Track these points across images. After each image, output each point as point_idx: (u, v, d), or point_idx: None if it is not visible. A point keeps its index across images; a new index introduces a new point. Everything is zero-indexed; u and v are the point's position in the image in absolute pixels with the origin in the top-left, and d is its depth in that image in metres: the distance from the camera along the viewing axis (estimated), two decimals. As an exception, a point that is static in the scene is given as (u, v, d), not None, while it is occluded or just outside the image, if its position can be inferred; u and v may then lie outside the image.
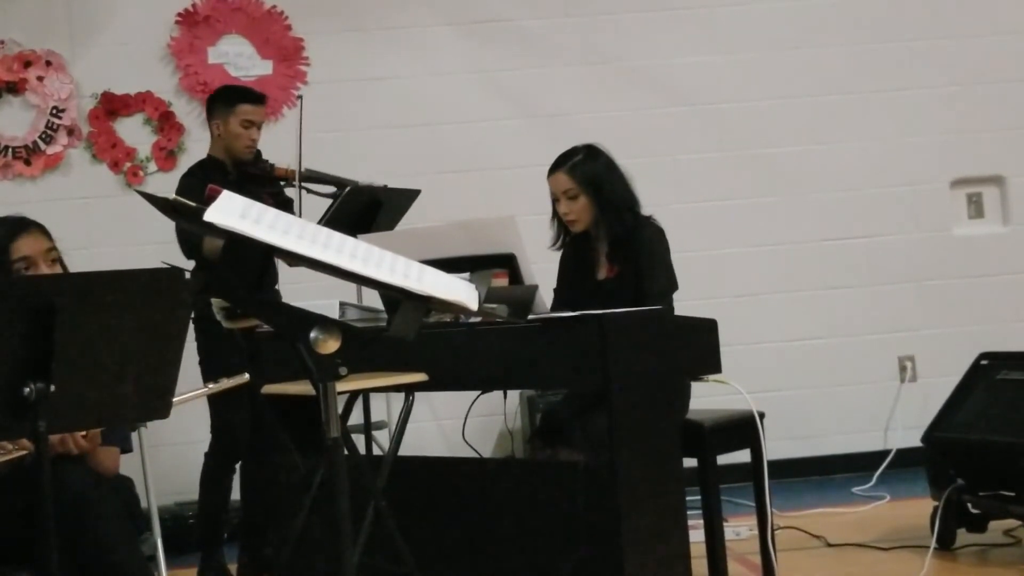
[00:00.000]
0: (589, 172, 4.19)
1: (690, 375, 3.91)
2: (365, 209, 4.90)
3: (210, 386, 3.40)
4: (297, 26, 6.47)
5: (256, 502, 5.05)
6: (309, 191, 5.04)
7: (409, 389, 3.71)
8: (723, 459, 3.98)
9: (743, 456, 4.05)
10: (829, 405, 6.56)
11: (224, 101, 4.98)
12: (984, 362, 4.78)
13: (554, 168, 4.25)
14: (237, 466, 4.97)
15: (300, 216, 4.58)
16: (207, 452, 4.92)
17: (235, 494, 5.11)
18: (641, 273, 4.11)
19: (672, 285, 4.16)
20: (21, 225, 3.35)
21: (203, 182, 4.72)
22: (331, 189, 5.01)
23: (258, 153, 5.01)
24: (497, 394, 4.43)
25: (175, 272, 2.70)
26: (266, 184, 4.97)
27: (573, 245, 4.35)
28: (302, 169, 4.88)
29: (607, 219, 4.19)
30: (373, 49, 6.49)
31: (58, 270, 3.35)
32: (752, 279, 6.58)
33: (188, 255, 4.79)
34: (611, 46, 6.60)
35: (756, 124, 6.61)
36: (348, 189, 4.90)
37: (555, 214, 4.31)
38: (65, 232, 3.51)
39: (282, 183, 5.00)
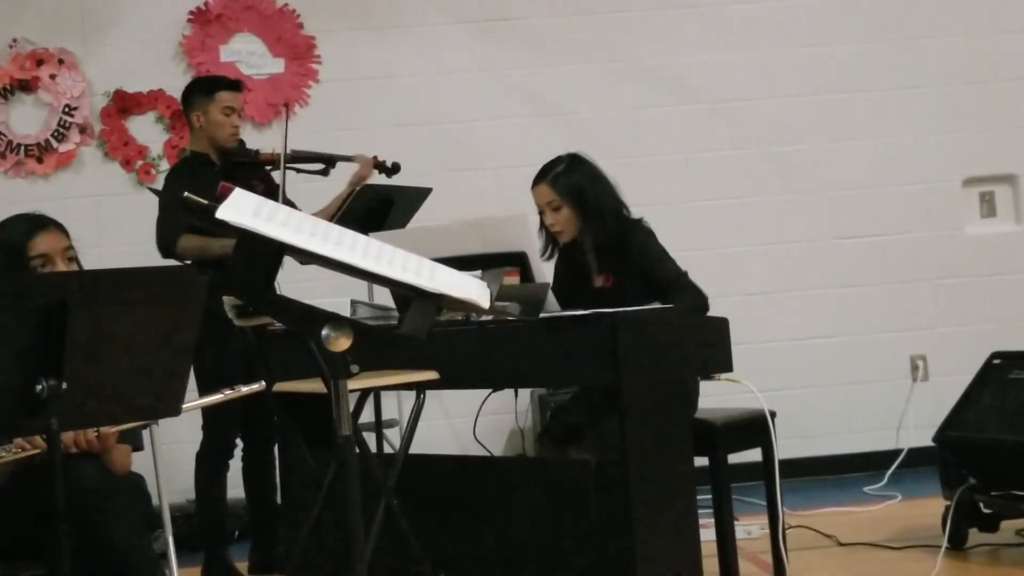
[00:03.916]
0: (571, 183, 4.18)
1: (701, 374, 3.90)
2: (376, 207, 4.90)
3: (226, 392, 3.39)
4: (308, 24, 6.47)
5: (260, 500, 5.06)
6: (299, 171, 5.05)
7: (420, 387, 3.71)
8: (734, 458, 3.97)
9: (754, 455, 4.05)
10: (841, 404, 6.55)
11: (202, 91, 4.96)
12: (996, 361, 4.76)
13: (536, 180, 4.24)
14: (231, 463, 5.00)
15: (283, 200, 4.61)
16: (198, 451, 4.92)
17: (243, 492, 5.14)
18: (647, 272, 4.09)
19: (680, 270, 4.14)
20: (40, 223, 3.36)
21: (187, 179, 4.73)
22: (319, 166, 5.04)
23: (241, 141, 5.00)
24: (508, 392, 4.43)
25: (187, 270, 2.71)
26: (253, 170, 4.97)
27: (565, 254, 4.34)
28: (287, 151, 4.87)
29: (591, 228, 4.18)
30: (384, 47, 6.50)
31: (74, 269, 3.36)
32: (764, 277, 6.57)
33: (164, 254, 4.80)
34: (623, 44, 6.60)
35: (768, 122, 6.60)
36: (359, 188, 4.91)
37: (542, 224, 4.30)
38: (77, 230, 3.51)
39: (268, 168, 5.01)
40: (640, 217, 4.25)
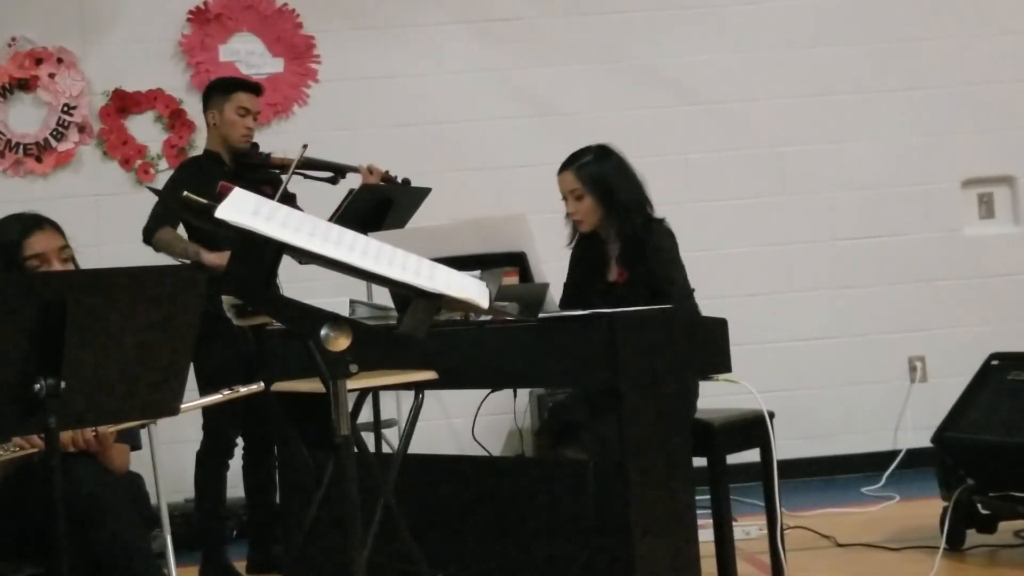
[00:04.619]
0: (596, 173, 4.19)
1: (700, 374, 3.90)
2: (376, 207, 4.90)
3: (225, 393, 3.39)
4: (308, 24, 6.47)
5: (261, 500, 5.06)
6: (306, 176, 5.06)
7: (419, 387, 3.71)
8: (733, 458, 3.97)
9: (753, 455, 4.04)
10: (839, 405, 6.55)
11: (220, 90, 4.99)
12: (994, 363, 4.77)
13: (563, 167, 4.25)
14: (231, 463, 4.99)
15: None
16: (199, 451, 4.92)
17: (242, 492, 5.14)
18: (656, 277, 4.09)
19: (688, 286, 4.15)
20: (35, 222, 3.36)
21: (194, 175, 4.76)
22: (329, 175, 5.05)
23: (254, 144, 5.01)
24: (507, 392, 4.43)
25: (186, 269, 2.71)
26: (264, 173, 4.98)
27: (584, 244, 4.34)
28: (300, 158, 4.89)
29: (615, 221, 4.19)
30: (384, 47, 6.50)
31: (70, 268, 3.35)
32: (762, 278, 6.57)
33: (144, 239, 4.83)
34: (622, 45, 6.60)
35: (767, 123, 6.60)
36: (359, 187, 4.91)
37: (568, 213, 4.31)
38: (76, 229, 3.51)
39: (278, 172, 5.01)
40: (663, 217, 4.24)
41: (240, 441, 5.03)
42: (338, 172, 5.09)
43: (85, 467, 3.16)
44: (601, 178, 4.18)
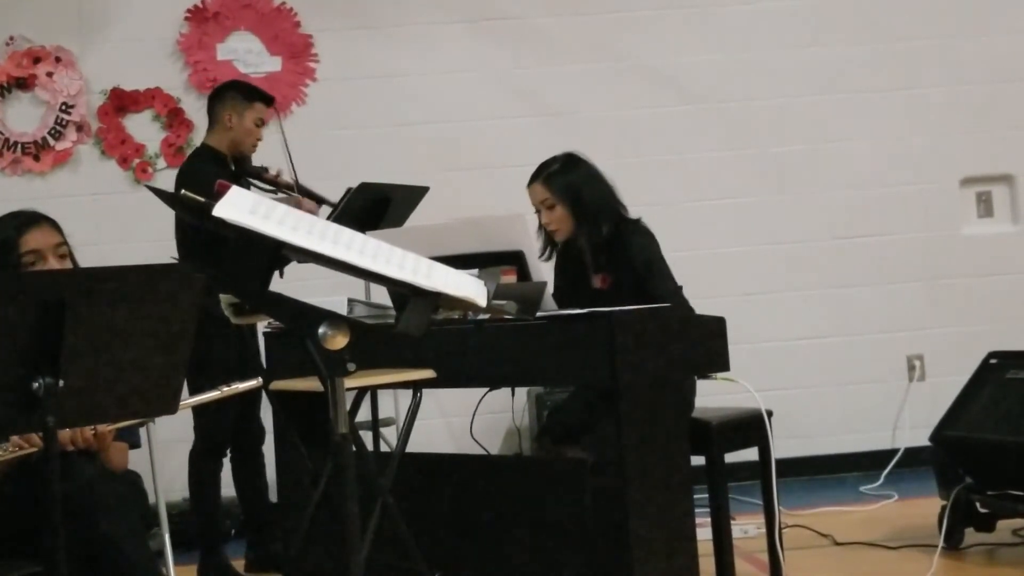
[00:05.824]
0: (565, 182, 4.19)
1: (698, 373, 3.90)
2: (373, 206, 4.90)
3: (223, 389, 3.39)
4: (306, 23, 6.47)
5: (252, 499, 5.06)
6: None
7: (417, 386, 3.71)
8: (731, 457, 3.98)
9: (751, 454, 4.05)
10: (837, 404, 6.56)
11: (243, 94, 4.99)
12: (993, 361, 4.77)
13: (531, 180, 4.25)
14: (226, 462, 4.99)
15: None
16: (192, 450, 4.92)
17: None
18: (642, 280, 4.09)
19: (674, 283, 4.14)
20: (31, 219, 3.35)
21: (214, 165, 4.75)
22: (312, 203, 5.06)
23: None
24: (505, 391, 4.43)
25: (184, 268, 2.70)
26: (259, 183, 4.99)
27: (564, 254, 4.34)
28: (291, 180, 4.90)
29: (587, 228, 4.18)
30: (382, 46, 6.49)
31: (67, 265, 3.34)
32: (761, 277, 6.57)
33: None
34: (621, 44, 6.60)
35: (765, 122, 6.60)
36: (357, 186, 4.91)
37: (541, 225, 4.30)
38: (74, 228, 3.50)
39: (272, 189, 5.02)
40: (638, 218, 4.24)
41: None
42: (319, 203, 5.07)
43: (83, 466, 3.15)
44: (570, 186, 4.18)
